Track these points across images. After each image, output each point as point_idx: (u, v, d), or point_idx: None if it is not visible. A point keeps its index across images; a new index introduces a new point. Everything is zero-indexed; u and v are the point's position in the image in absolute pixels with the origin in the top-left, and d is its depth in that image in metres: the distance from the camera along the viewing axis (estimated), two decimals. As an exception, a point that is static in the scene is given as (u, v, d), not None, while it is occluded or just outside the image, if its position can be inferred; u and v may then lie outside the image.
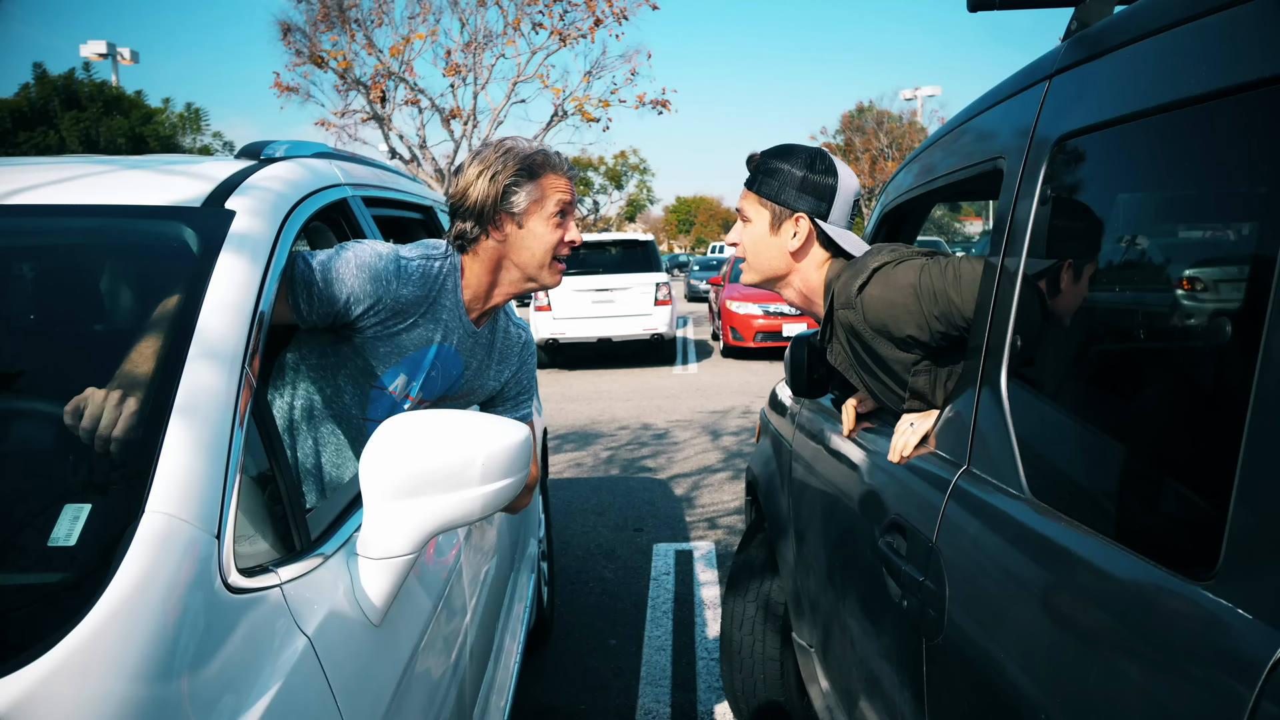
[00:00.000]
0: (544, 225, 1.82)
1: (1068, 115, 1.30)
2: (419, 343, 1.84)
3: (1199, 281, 1.06)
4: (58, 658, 0.88)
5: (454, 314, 1.87)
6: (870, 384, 1.86)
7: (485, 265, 1.86)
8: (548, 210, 1.82)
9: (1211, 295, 1.03)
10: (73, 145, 22.52)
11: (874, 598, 1.68)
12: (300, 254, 1.71)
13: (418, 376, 1.87)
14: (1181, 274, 1.10)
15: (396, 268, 1.76)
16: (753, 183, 1.88)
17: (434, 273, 1.83)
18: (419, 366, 1.86)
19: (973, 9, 1.51)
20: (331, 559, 1.33)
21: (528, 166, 1.81)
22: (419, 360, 1.86)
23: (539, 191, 1.81)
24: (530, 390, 2.14)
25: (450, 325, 1.87)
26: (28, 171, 1.62)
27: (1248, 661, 0.75)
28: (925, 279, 1.60)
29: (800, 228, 1.84)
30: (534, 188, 1.81)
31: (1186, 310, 1.06)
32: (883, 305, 1.66)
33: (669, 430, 8.35)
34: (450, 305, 1.86)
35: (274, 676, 1.08)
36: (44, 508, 1.08)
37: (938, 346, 1.65)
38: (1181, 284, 1.07)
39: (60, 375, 1.30)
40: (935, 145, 2.11)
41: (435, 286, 1.83)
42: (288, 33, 17.29)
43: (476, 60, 17.81)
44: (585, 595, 4.35)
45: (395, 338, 1.82)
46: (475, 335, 1.93)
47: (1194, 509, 0.93)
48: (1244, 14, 0.95)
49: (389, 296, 1.75)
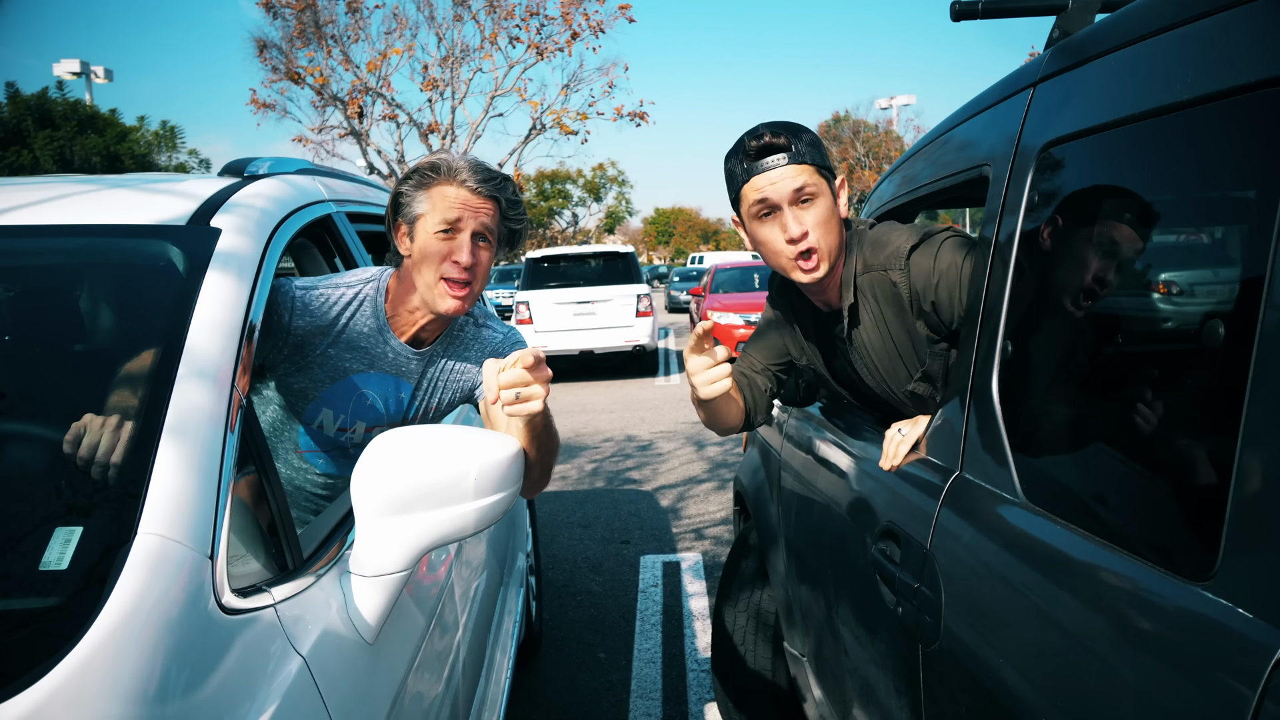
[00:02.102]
0: (430, 240, 1.70)
1: (1052, 122, 1.32)
2: (335, 374, 1.77)
3: (1174, 285, 1.07)
4: (52, 683, 0.87)
5: (375, 339, 1.79)
6: (880, 372, 1.77)
7: (404, 283, 1.77)
8: (433, 223, 1.69)
9: (1197, 299, 1.04)
10: (47, 164, 22.31)
11: (867, 605, 1.68)
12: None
13: (344, 409, 1.80)
14: (1168, 277, 1.11)
15: (290, 302, 1.70)
16: (802, 155, 1.63)
17: (336, 301, 1.76)
18: (341, 399, 1.79)
19: (956, 19, 1.53)
20: (324, 577, 1.32)
21: (421, 176, 1.72)
22: (340, 392, 1.79)
23: (428, 203, 1.71)
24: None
25: (374, 351, 1.79)
26: (10, 192, 1.61)
27: (1249, 661, 0.76)
28: (964, 256, 1.59)
29: (845, 192, 1.72)
30: (424, 198, 1.71)
31: (1179, 313, 1.07)
32: (929, 268, 1.61)
33: (653, 441, 8.34)
34: (368, 330, 1.78)
35: (270, 698, 1.07)
36: (35, 531, 1.07)
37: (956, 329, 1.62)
38: (1158, 288, 1.09)
39: (48, 397, 1.29)
40: (918, 155, 2.13)
41: (340, 314, 1.76)
42: (264, 49, 17.24)
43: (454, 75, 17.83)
44: (574, 609, 4.33)
45: (307, 371, 1.76)
46: (420, 355, 1.84)
47: (1191, 508, 0.94)
48: (1225, 21, 0.97)
49: (283, 331, 1.69)
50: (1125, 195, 1.22)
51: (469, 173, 1.71)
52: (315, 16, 16.86)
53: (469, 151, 12.12)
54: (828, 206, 1.64)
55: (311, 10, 16.75)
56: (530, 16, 17.47)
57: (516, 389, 1.39)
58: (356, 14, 17.18)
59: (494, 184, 1.73)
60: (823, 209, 1.64)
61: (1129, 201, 1.20)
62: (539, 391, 1.41)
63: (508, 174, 1.81)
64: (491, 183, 1.72)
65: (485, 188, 1.71)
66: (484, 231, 1.73)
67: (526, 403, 1.40)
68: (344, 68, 17.39)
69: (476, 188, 1.71)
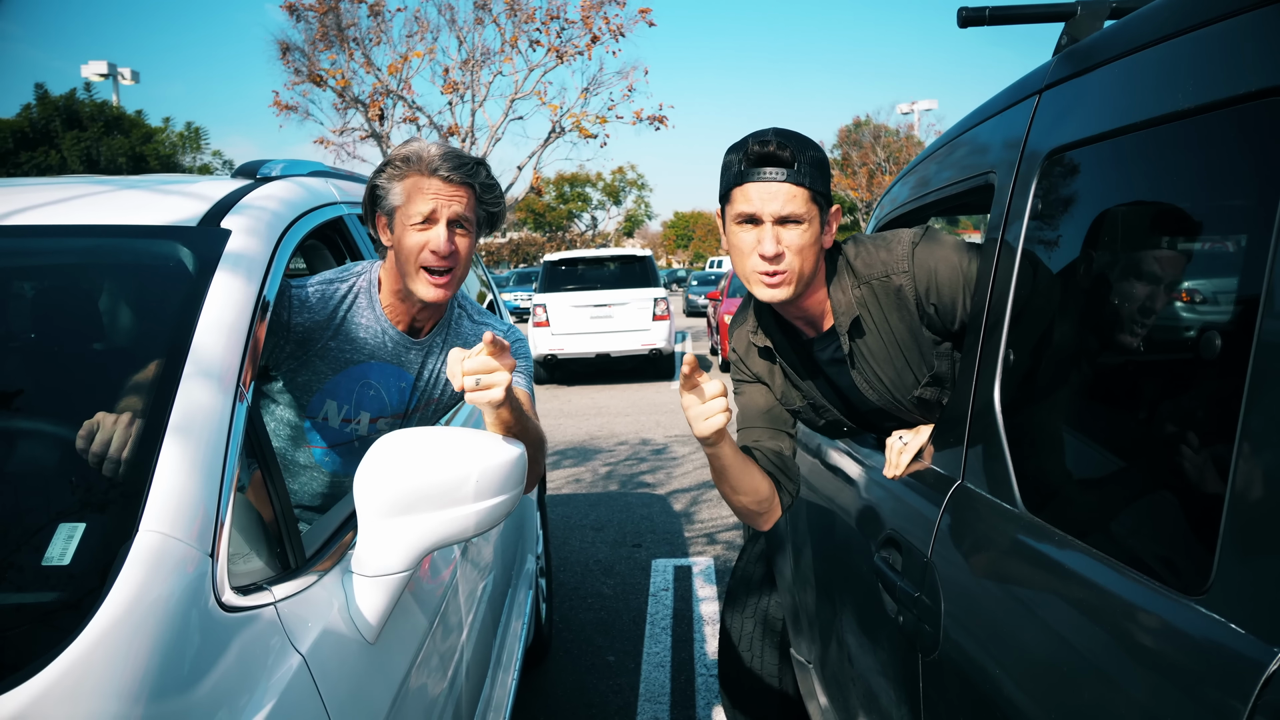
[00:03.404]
0: (407, 232, 1.72)
1: (1058, 129, 1.31)
2: (337, 365, 1.81)
3: (1198, 294, 1.06)
4: (50, 677, 0.88)
5: (373, 329, 1.82)
6: (885, 383, 1.72)
7: (390, 272, 1.80)
8: (409, 214, 1.71)
9: (1208, 308, 1.03)
10: (74, 165, 22.60)
11: (870, 613, 1.67)
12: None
13: (348, 399, 1.83)
14: (1173, 287, 1.10)
15: (288, 300, 1.73)
16: (802, 176, 1.55)
17: (332, 295, 1.79)
18: (345, 389, 1.83)
19: (963, 25, 1.53)
20: (326, 576, 1.33)
21: (394, 168, 1.73)
22: (343, 383, 1.82)
23: (404, 195, 1.72)
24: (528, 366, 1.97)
25: (373, 341, 1.83)
26: (25, 192, 1.63)
27: (1241, 675, 0.75)
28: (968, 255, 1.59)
29: (836, 223, 1.66)
30: (399, 190, 1.72)
31: (1178, 324, 1.07)
32: (934, 262, 1.59)
33: (668, 445, 8.34)
34: (366, 322, 1.82)
35: (268, 695, 1.08)
36: (39, 527, 1.08)
37: (958, 330, 1.60)
38: (1181, 296, 1.07)
39: (55, 395, 1.31)
40: (930, 159, 2.12)
41: (338, 308, 1.79)
42: (286, 52, 17.38)
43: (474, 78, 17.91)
44: (584, 611, 4.34)
45: (310, 365, 1.79)
46: (418, 344, 1.87)
47: (1187, 523, 0.93)
48: (1233, 27, 0.96)
49: (284, 329, 1.72)
50: (1130, 203, 1.21)
51: (441, 161, 1.71)
52: (338, 19, 16.99)
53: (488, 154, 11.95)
54: (812, 234, 1.57)
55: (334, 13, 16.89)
56: (551, 20, 17.53)
57: (477, 375, 1.38)
58: (378, 17, 17.30)
59: (466, 170, 1.73)
60: (806, 236, 1.56)
61: (1134, 209, 1.19)
62: (501, 379, 1.39)
63: (480, 158, 1.80)
64: (464, 169, 1.73)
65: (458, 175, 1.72)
66: (460, 219, 1.74)
67: (488, 390, 1.39)
68: (365, 70, 17.51)
69: (449, 175, 1.71)
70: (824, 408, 1.85)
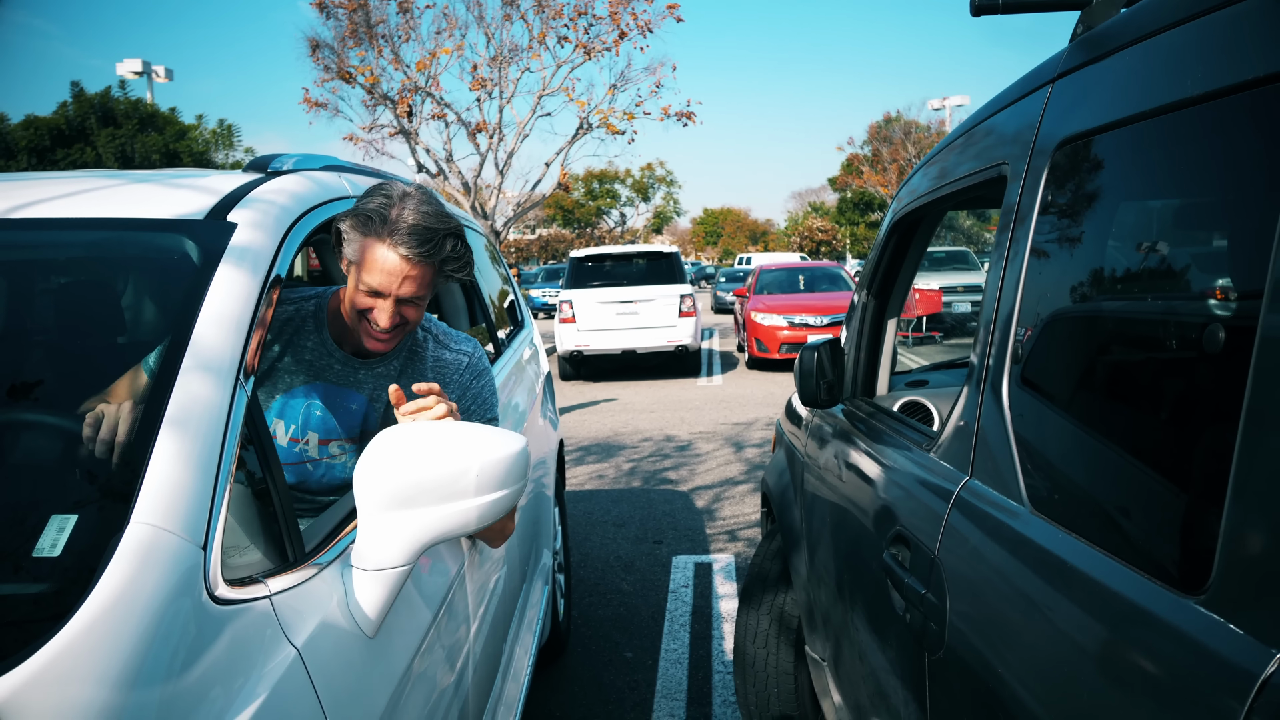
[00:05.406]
0: (357, 294, 1.69)
1: (1070, 119, 1.28)
2: (284, 386, 1.83)
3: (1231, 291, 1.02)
4: (38, 664, 0.88)
5: (319, 351, 1.84)
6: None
7: (347, 301, 1.76)
8: (360, 276, 1.67)
9: (1215, 302, 0.99)
10: (108, 161, 22.93)
11: (881, 611, 1.65)
12: None
13: (294, 418, 1.83)
14: (1185, 280, 1.07)
15: None
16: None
17: (279, 315, 1.82)
18: (291, 410, 1.83)
19: (976, 14, 1.49)
20: (326, 570, 1.33)
21: (360, 219, 1.65)
22: (289, 404, 1.83)
23: (361, 255, 1.66)
24: (486, 410, 1.95)
25: (318, 363, 1.84)
26: (36, 186, 1.64)
27: (1238, 677, 0.73)
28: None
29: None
30: (359, 246, 1.66)
31: (1187, 320, 1.03)
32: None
33: (692, 442, 8.32)
34: (312, 345, 1.84)
35: (260, 687, 1.07)
36: (31, 518, 1.09)
37: None
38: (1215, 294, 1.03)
39: (55, 386, 1.31)
40: (947, 149, 2.08)
41: (283, 328, 1.82)
42: (316, 49, 17.50)
43: (502, 74, 17.93)
44: (603, 607, 4.33)
45: (259, 383, 1.78)
46: (367, 365, 1.86)
47: (1188, 523, 0.90)
48: (1246, 10, 0.93)
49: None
50: (1141, 193, 1.18)
51: (405, 238, 1.63)
52: (367, 16, 17.08)
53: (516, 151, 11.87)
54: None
55: (363, 10, 16.99)
56: (579, 16, 17.50)
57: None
58: (407, 14, 17.36)
59: (428, 250, 1.65)
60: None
61: (1145, 200, 1.16)
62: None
63: (452, 228, 1.70)
64: (426, 250, 1.64)
65: (417, 255, 1.64)
66: (411, 298, 1.70)
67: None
68: (394, 67, 17.58)
69: (408, 254, 1.64)
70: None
